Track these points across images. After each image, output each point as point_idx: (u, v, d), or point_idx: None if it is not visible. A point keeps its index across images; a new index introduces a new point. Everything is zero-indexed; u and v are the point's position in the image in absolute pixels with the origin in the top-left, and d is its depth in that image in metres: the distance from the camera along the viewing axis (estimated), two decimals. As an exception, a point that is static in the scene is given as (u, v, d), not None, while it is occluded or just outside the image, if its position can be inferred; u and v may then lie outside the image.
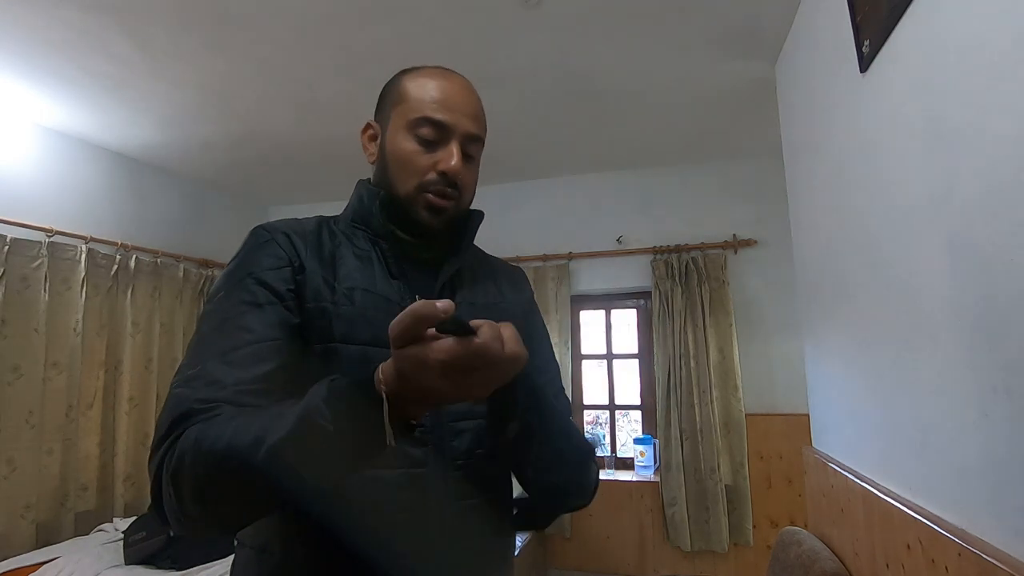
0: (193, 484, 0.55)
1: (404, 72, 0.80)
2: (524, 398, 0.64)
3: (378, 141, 0.80)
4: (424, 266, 0.78)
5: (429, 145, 0.74)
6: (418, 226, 0.76)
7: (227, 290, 0.68)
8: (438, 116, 0.74)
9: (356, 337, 0.68)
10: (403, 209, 0.76)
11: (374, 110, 0.83)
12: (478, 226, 0.84)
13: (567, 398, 0.89)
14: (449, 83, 0.77)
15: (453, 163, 0.73)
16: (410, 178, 0.74)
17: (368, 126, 0.82)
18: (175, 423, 0.58)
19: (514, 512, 0.78)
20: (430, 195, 0.74)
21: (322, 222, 0.79)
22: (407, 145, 0.75)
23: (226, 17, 1.89)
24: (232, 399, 0.59)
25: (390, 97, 0.79)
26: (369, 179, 0.83)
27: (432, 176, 0.74)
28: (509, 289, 0.88)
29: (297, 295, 0.69)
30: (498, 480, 0.76)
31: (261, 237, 0.73)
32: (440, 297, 0.76)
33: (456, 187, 0.75)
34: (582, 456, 0.77)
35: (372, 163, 0.81)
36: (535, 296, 0.96)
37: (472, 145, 0.77)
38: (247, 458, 0.52)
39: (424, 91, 0.76)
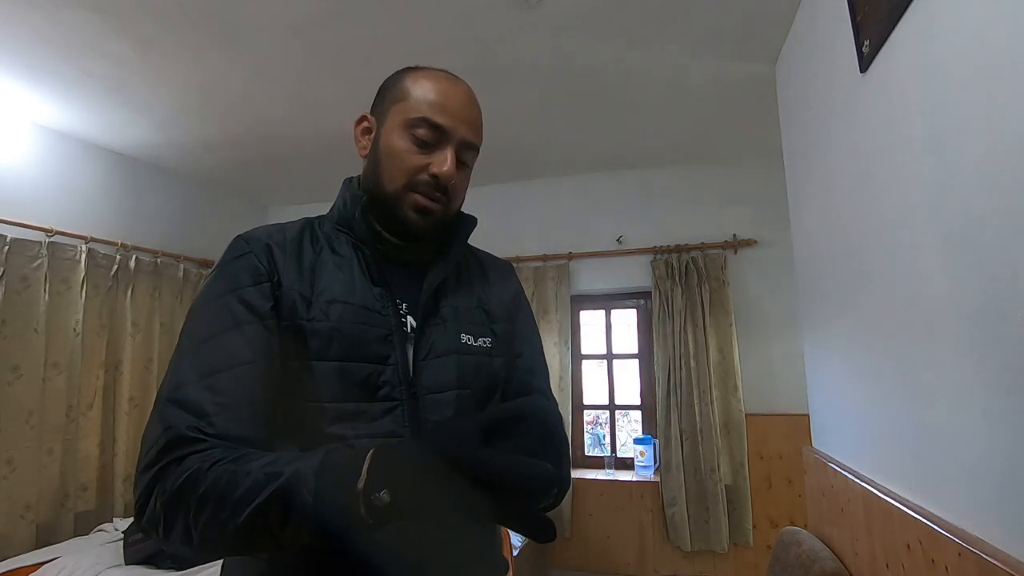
0: (183, 534, 0.57)
1: (408, 70, 0.79)
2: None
3: (372, 135, 0.79)
4: (408, 269, 0.78)
5: (424, 146, 0.74)
6: (404, 226, 0.75)
7: (208, 304, 0.69)
8: (438, 119, 0.73)
9: (330, 353, 0.68)
10: (389, 207, 0.75)
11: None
12: (470, 233, 0.84)
13: (554, 398, 0.86)
14: (453, 88, 0.77)
15: (446, 168, 0.73)
16: (400, 176, 0.74)
17: (363, 118, 0.81)
18: (166, 449, 0.59)
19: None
20: (417, 195, 0.73)
21: (306, 226, 0.78)
22: (402, 143, 0.74)
23: (225, 17, 1.89)
24: (220, 431, 0.60)
25: (391, 93, 0.78)
26: (357, 177, 0.83)
27: (423, 177, 0.73)
28: (497, 287, 0.87)
29: (277, 311, 0.69)
30: None
31: (240, 249, 0.72)
32: (426, 304, 0.75)
33: (446, 192, 0.75)
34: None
35: (363, 156, 0.80)
36: (533, 296, 0.95)
37: (467, 153, 0.77)
38: (234, 515, 0.54)
39: (427, 92, 0.75)
